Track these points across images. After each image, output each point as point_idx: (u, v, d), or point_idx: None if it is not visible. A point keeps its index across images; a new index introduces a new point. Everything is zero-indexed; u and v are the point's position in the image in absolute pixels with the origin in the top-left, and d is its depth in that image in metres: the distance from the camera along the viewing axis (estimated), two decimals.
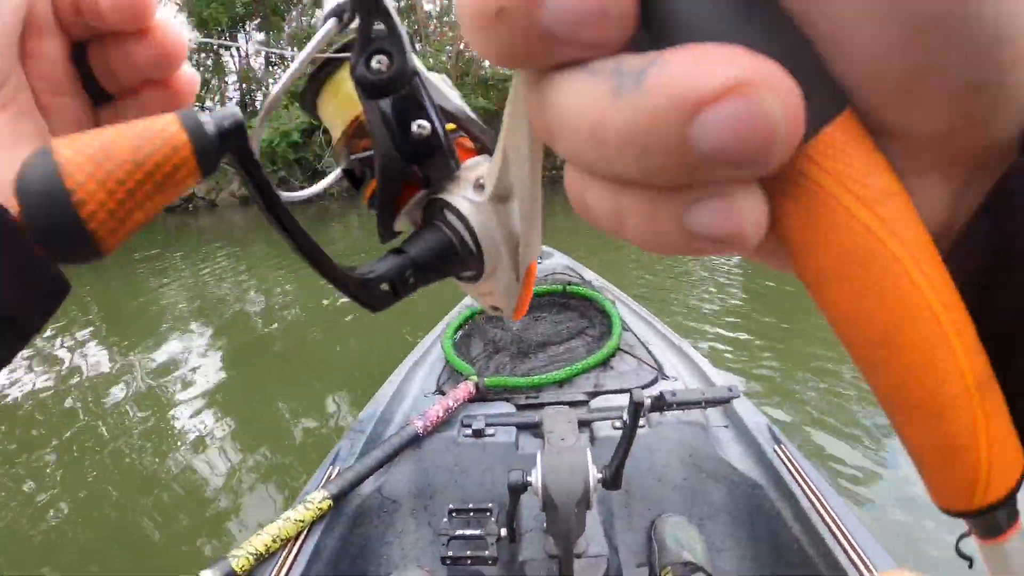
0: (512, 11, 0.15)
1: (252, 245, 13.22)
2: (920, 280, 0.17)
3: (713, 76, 0.14)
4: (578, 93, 0.16)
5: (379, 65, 0.30)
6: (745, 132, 0.14)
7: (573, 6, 0.15)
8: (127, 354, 6.94)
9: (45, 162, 0.24)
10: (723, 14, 0.15)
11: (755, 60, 0.14)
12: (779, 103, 0.14)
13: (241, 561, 1.40)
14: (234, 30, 21.63)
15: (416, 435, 1.83)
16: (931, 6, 0.14)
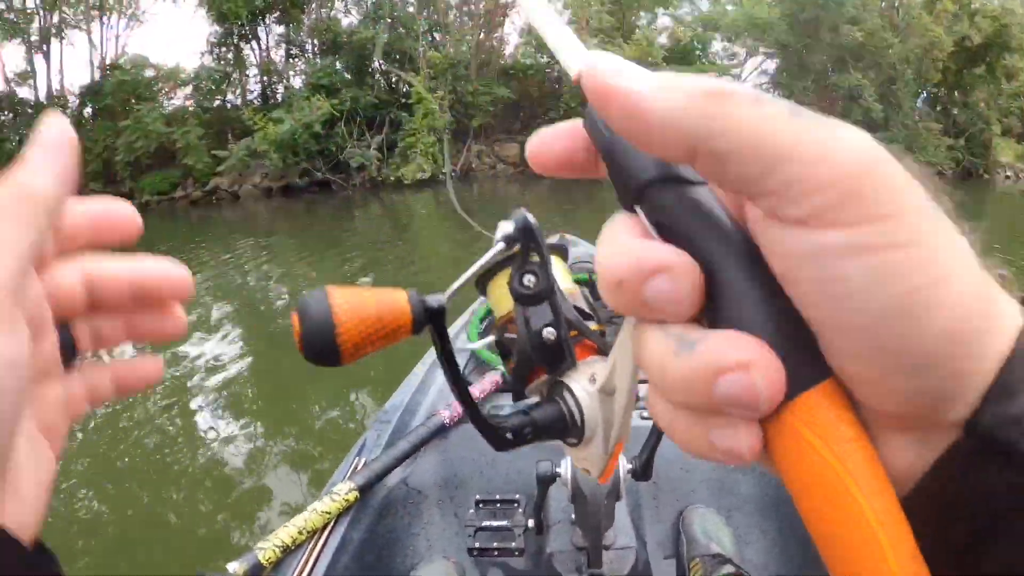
0: (627, 284, 0.25)
1: (275, 235, 13.31)
2: (866, 507, 0.23)
3: (731, 356, 0.23)
4: (657, 343, 0.26)
5: (528, 283, 0.40)
6: (741, 393, 0.23)
7: (663, 293, 0.25)
8: (158, 349, 6.98)
9: (323, 301, 0.38)
10: (752, 313, 0.24)
11: (759, 348, 0.23)
12: (765, 378, 0.23)
13: (268, 553, 1.39)
14: (254, 23, 21.67)
15: (442, 425, 1.81)
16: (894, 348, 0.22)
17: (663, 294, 0.25)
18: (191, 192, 19.96)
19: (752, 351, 0.23)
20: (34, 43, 20.12)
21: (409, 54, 20.41)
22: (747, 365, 0.23)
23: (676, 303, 0.25)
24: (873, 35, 22.77)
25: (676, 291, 0.25)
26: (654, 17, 27.33)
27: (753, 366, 0.23)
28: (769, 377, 0.23)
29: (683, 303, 0.25)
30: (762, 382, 0.23)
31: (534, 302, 0.40)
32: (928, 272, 0.22)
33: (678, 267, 0.25)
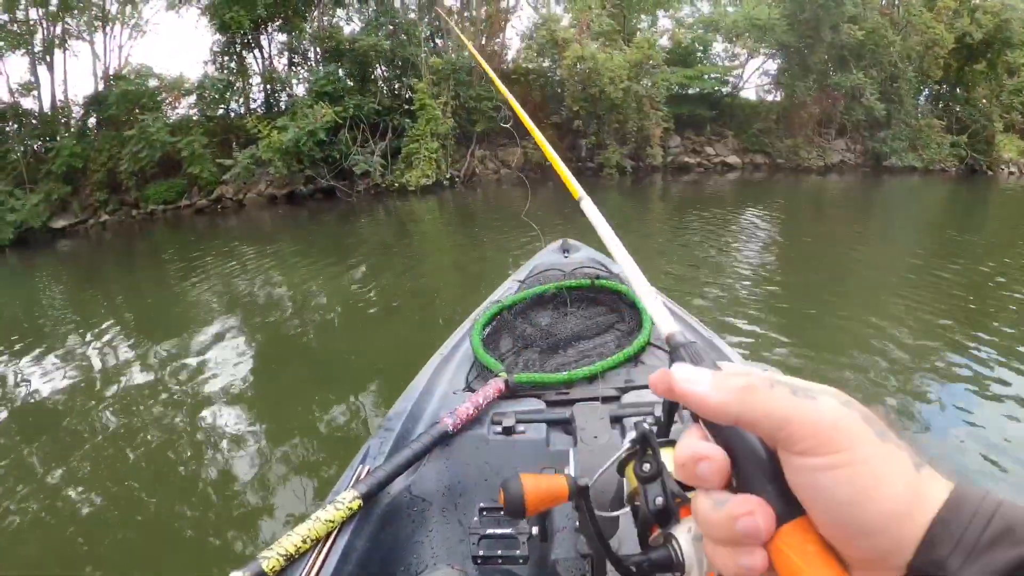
0: (687, 465, 0.46)
1: (280, 243, 13.32)
2: None
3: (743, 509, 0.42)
4: (703, 503, 0.45)
5: (646, 467, 0.60)
6: (750, 529, 0.41)
7: (704, 471, 0.45)
8: (157, 352, 7.00)
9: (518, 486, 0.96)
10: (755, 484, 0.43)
11: (760, 503, 0.42)
12: (763, 521, 0.41)
13: (272, 562, 1.39)
14: (256, 32, 21.72)
15: (446, 433, 1.81)
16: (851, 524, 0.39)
17: (704, 472, 0.45)
18: (196, 201, 19.97)
19: (755, 505, 0.42)
20: (38, 54, 20.15)
21: (411, 60, 20.42)
22: (752, 513, 0.41)
23: (712, 478, 0.45)
24: (874, 33, 22.76)
25: (712, 471, 0.45)
26: (655, 19, 27.35)
27: (756, 514, 0.41)
28: (766, 519, 0.41)
29: (716, 478, 0.45)
30: (762, 522, 0.41)
31: (650, 481, 0.59)
32: (870, 479, 0.39)
33: (714, 457, 0.45)
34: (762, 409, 0.42)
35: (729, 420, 0.44)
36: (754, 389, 0.43)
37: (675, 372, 0.47)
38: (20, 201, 17.40)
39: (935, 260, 9.11)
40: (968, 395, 4.75)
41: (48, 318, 9.58)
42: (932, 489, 0.40)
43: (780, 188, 19.60)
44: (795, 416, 0.41)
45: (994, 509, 0.38)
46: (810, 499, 0.41)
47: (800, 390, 0.42)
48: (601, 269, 3.04)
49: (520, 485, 0.98)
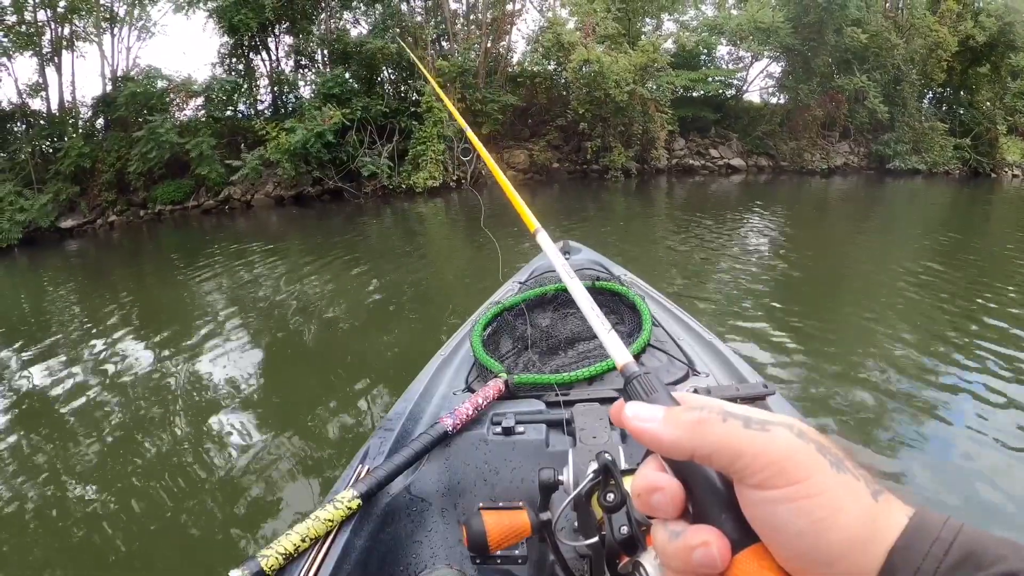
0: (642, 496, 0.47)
1: (287, 243, 13.39)
2: None
3: (698, 539, 0.43)
4: (660, 533, 0.46)
5: (610, 498, 0.60)
6: (706, 560, 0.42)
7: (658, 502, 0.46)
8: (164, 352, 7.03)
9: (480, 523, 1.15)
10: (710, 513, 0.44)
11: (714, 533, 0.43)
12: (718, 550, 0.42)
13: (270, 561, 1.40)
14: (263, 34, 21.80)
15: (446, 433, 1.81)
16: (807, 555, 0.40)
17: (658, 503, 0.46)
18: (204, 201, 20.03)
19: (711, 535, 0.43)
20: (46, 55, 20.22)
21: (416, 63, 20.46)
22: (708, 544, 0.43)
23: (666, 508, 0.46)
24: (877, 36, 22.78)
25: (666, 502, 0.46)
26: (660, 23, 27.36)
27: (712, 543, 0.43)
28: (720, 549, 0.42)
29: (670, 508, 0.46)
30: (717, 552, 0.42)
31: (615, 510, 0.59)
32: (826, 510, 0.40)
33: (668, 488, 0.46)
34: (714, 443, 0.43)
35: (684, 456, 0.45)
36: (705, 423, 0.44)
37: (627, 411, 0.49)
38: (29, 201, 17.47)
39: (938, 263, 9.12)
40: (970, 400, 4.74)
41: (56, 317, 9.63)
42: (891, 517, 0.40)
43: (784, 190, 19.64)
44: (748, 449, 0.42)
45: (954, 535, 0.38)
46: (767, 529, 0.42)
47: (754, 422, 0.43)
48: (601, 271, 3.05)
49: (482, 522, 1.09)
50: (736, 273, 8.65)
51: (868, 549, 0.39)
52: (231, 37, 21.32)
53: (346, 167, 19.84)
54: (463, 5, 23.69)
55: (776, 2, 24.11)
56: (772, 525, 0.41)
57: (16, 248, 16.48)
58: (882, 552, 0.39)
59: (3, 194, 17.07)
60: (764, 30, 22.71)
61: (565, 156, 22.76)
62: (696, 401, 0.47)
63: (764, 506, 0.41)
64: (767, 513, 0.41)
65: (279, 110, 22.24)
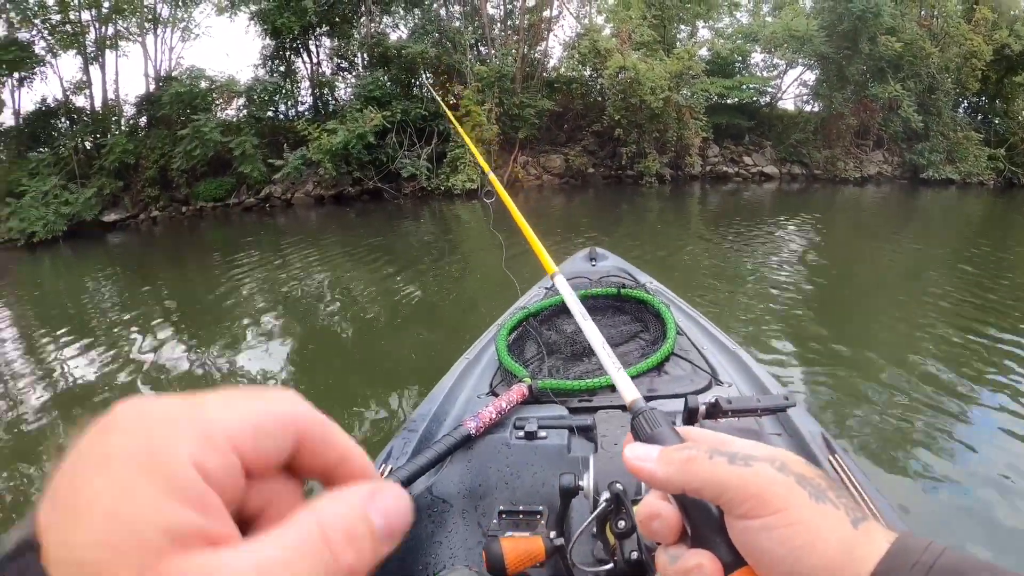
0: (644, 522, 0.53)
1: (326, 242, 13.46)
2: None
3: (696, 562, 0.48)
4: (661, 557, 0.51)
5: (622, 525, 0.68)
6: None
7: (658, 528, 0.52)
8: (199, 343, 7.15)
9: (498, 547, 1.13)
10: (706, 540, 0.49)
11: (709, 557, 0.48)
12: (711, 573, 0.47)
13: None
14: (305, 37, 22.07)
15: (469, 436, 1.83)
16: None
17: (658, 529, 0.51)
18: (245, 199, 20.35)
19: (704, 559, 0.47)
20: (90, 54, 20.62)
21: (456, 67, 20.57)
22: (702, 567, 0.47)
23: (665, 533, 0.51)
24: (911, 45, 22.41)
25: (665, 527, 0.51)
26: (695, 30, 27.23)
27: (705, 567, 0.47)
28: (712, 571, 0.47)
29: (669, 533, 0.51)
30: (709, 574, 0.47)
31: (625, 536, 0.66)
32: (804, 537, 0.44)
33: (667, 516, 0.51)
34: (701, 479, 0.48)
35: (676, 491, 0.50)
36: (693, 461, 0.48)
37: (627, 452, 0.53)
38: (74, 194, 17.84)
39: (972, 278, 8.93)
40: (999, 426, 4.61)
41: (96, 308, 9.83)
42: (872, 543, 0.44)
43: (817, 199, 19.37)
44: (731, 483, 0.46)
45: (934, 559, 0.41)
46: (753, 555, 0.46)
47: (739, 458, 0.48)
48: (627, 278, 3.06)
49: (500, 547, 1.14)
50: (764, 283, 8.58)
51: (847, 572, 0.42)
52: (273, 39, 21.64)
53: (386, 168, 20.01)
54: (501, 10, 23.81)
55: (810, 10, 23.88)
56: (756, 551, 0.45)
57: (61, 240, 16.81)
58: (867, 572, 0.42)
59: (49, 187, 17.45)
60: (798, 38, 22.49)
61: (600, 161, 22.70)
62: (694, 436, 0.53)
63: (748, 534, 0.46)
64: (751, 540, 0.45)
65: (319, 111, 22.45)
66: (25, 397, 6.02)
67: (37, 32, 19.80)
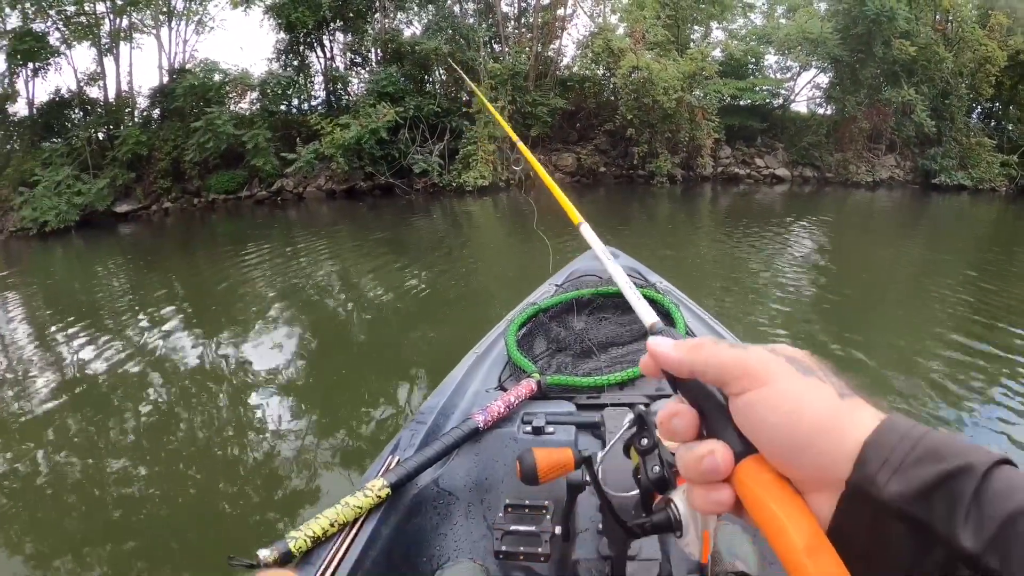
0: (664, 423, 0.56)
1: (337, 236, 13.52)
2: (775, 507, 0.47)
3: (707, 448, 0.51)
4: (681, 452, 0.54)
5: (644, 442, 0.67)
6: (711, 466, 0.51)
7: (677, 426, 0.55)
8: (209, 334, 7.18)
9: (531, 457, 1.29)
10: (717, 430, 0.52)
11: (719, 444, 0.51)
12: (722, 457, 0.51)
13: (299, 543, 1.43)
14: (319, 32, 22.12)
15: (476, 429, 1.84)
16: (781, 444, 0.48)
17: (677, 426, 0.55)
18: (257, 192, 20.42)
19: (715, 445, 0.51)
20: (104, 46, 20.70)
21: (470, 65, 20.58)
22: (713, 453, 0.50)
23: (684, 429, 0.54)
24: (926, 49, 22.27)
25: (683, 424, 0.54)
26: (708, 31, 27.15)
27: (715, 452, 0.50)
28: (723, 457, 0.50)
29: (687, 429, 0.54)
30: (720, 459, 0.50)
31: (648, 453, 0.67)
32: (793, 403, 0.47)
33: (684, 412, 0.55)
34: (705, 359, 0.52)
35: (686, 371, 0.54)
36: (701, 346, 0.54)
37: (650, 341, 0.58)
38: (87, 185, 17.91)
39: (982, 285, 8.93)
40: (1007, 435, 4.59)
41: (107, 297, 9.90)
42: (859, 415, 0.47)
43: (828, 203, 19.36)
44: (729, 362, 0.51)
45: (921, 435, 0.44)
46: (753, 432, 0.50)
47: (738, 345, 0.53)
48: (637, 278, 3.06)
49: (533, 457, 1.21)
50: (772, 285, 8.56)
51: (837, 438, 0.46)
52: (287, 34, 21.68)
53: (398, 164, 20.07)
54: (515, 8, 23.77)
55: (825, 13, 23.80)
56: (754, 425, 0.49)
57: (73, 229, 16.88)
58: (855, 446, 0.45)
59: (61, 177, 17.50)
60: (812, 40, 22.40)
61: (612, 161, 22.66)
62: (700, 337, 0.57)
63: (746, 409, 0.50)
64: (749, 416, 0.50)
65: (332, 106, 22.49)
66: (34, 383, 6.06)
67: (52, 23, 19.87)
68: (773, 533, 0.47)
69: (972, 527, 0.39)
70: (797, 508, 0.47)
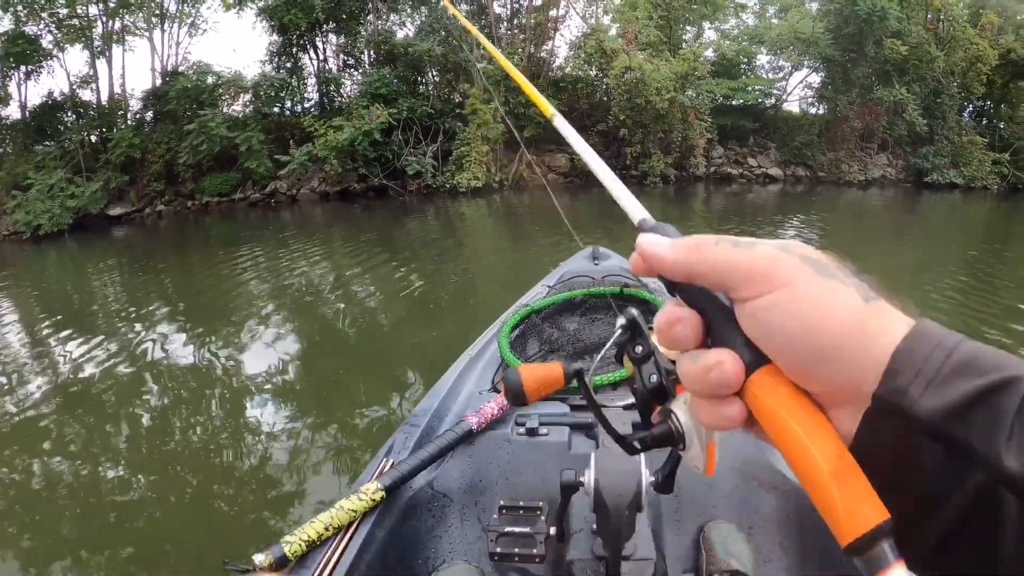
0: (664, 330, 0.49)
1: (330, 238, 13.51)
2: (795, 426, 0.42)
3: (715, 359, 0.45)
4: (684, 363, 0.48)
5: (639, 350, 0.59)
6: (720, 378, 0.44)
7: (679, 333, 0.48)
8: (203, 338, 7.16)
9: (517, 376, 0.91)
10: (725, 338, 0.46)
11: (728, 354, 0.45)
12: (732, 369, 0.44)
13: (294, 547, 1.44)
14: (312, 34, 22.10)
15: (470, 431, 1.85)
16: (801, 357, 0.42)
17: (679, 334, 0.48)
18: (250, 194, 20.35)
19: (724, 356, 0.45)
20: (96, 48, 20.63)
21: (463, 66, 20.58)
22: (722, 363, 0.44)
23: (687, 337, 0.48)
24: (917, 49, 22.39)
25: (686, 331, 0.48)
26: (701, 31, 27.20)
27: (725, 363, 0.44)
28: (733, 367, 0.44)
29: (690, 336, 0.48)
30: (730, 370, 0.44)
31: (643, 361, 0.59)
32: (813, 309, 0.42)
33: (686, 318, 0.48)
34: (707, 261, 0.46)
35: (683, 274, 0.48)
36: (701, 245, 0.47)
37: (640, 238, 0.52)
38: (80, 188, 17.84)
39: (976, 280, 9.01)
40: None
41: (100, 300, 9.89)
42: (887, 321, 0.42)
43: (821, 201, 19.42)
44: (735, 263, 0.45)
45: (956, 344, 0.40)
46: (765, 342, 0.44)
47: (743, 243, 0.47)
48: (630, 278, 3.07)
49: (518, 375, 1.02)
50: None
51: (863, 347, 0.41)
52: (280, 36, 21.65)
53: (391, 165, 20.03)
54: (507, 9, 23.79)
55: (816, 13, 23.92)
56: (768, 334, 0.44)
57: (67, 233, 16.83)
58: (884, 354, 0.40)
59: (55, 180, 17.42)
60: (804, 40, 22.46)
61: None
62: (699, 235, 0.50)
63: (757, 316, 0.44)
64: (761, 323, 0.44)
65: (325, 108, 22.46)
66: (27, 387, 6.04)
67: (44, 26, 19.77)
68: (794, 453, 0.42)
69: (1017, 447, 0.36)
70: (819, 425, 0.42)
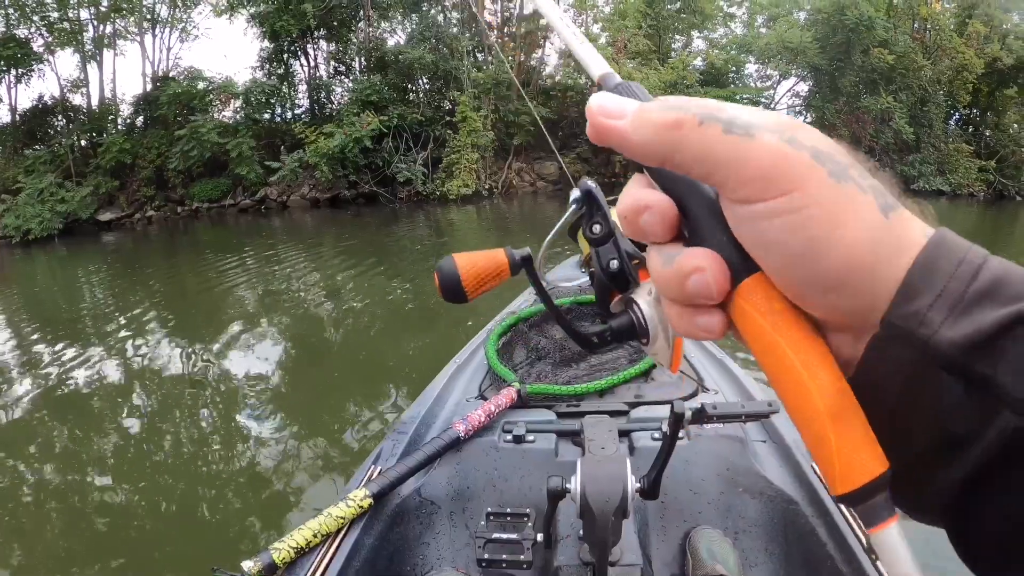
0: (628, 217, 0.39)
1: (320, 244, 13.50)
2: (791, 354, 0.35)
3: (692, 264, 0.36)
4: (654, 259, 0.39)
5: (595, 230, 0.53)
6: (701, 288, 0.36)
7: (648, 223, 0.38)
8: (191, 345, 7.15)
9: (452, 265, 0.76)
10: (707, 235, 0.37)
11: (712, 257, 0.36)
12: (715, 276, 0.36)
13: (282, 554, 1.45)
14: (303, 40, 22.13)
15: (457, 438, 1.85)
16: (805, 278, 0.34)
17: (648, 224, 0.39)
18: (240, 200, 20.41)
19: (706, 260, 0.36)
20: (88, 53, 20.60)
21: (453, 74, 20.63)
22: (703, 269, 0.36)
23: (657, 229, 0.39)
24: (904, 57, 22.52)
25: (656, 222, 0.38)
26: (689, 40, 27.34)
27: (707, 269, 0.36)
28: (717, 276, 0.36)
29: (661, 229, 0.38)
30: (712, 279, 0.36)
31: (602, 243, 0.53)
32: (822, 225, 0.32)
33: (657, 205, 0.38)
34: (690, 151, 0.35)
35: (655, 162, 0.37)
36: (680, 126, 0.35)
37: (592, 100, 0.39)
38: (70, 193, 17.88)
39: None
40: None
41: (89, 306, 9.86)
42: (909, 237, 0.34)
43: None
44: (727, 157, 0.34)
45: (983, 260, 0.33)
46: (759, 252, 0.35)
47: (737, 126, 0.34)
48: None
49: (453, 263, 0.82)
50: None
51: (879, 273, 0.33)
52: (271, 42, 21.70)
53: (381, 172, 20.11)
54: (498, 18, 23.88)
55: (804, 22, 24.09)
56: (763, 246, 0.35)
57: (56, 238, 16.84)
58: (898, 273, 0.33)
59: (44, 185, 17.45)
60: (792, 49, 22.59)
61: (595, 169, 22.70)
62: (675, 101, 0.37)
63: (752, 223, 0.35)
64: (756, 232, 0.35)
65: (316, 115, 22.47)
66: (14, 392, 6.02)
67: (35, 29, 19.80)
68: (786, 385, 0.35)
69: None
70: (819, 356, 0.35)
